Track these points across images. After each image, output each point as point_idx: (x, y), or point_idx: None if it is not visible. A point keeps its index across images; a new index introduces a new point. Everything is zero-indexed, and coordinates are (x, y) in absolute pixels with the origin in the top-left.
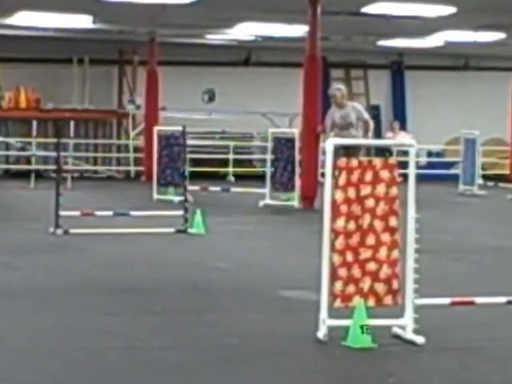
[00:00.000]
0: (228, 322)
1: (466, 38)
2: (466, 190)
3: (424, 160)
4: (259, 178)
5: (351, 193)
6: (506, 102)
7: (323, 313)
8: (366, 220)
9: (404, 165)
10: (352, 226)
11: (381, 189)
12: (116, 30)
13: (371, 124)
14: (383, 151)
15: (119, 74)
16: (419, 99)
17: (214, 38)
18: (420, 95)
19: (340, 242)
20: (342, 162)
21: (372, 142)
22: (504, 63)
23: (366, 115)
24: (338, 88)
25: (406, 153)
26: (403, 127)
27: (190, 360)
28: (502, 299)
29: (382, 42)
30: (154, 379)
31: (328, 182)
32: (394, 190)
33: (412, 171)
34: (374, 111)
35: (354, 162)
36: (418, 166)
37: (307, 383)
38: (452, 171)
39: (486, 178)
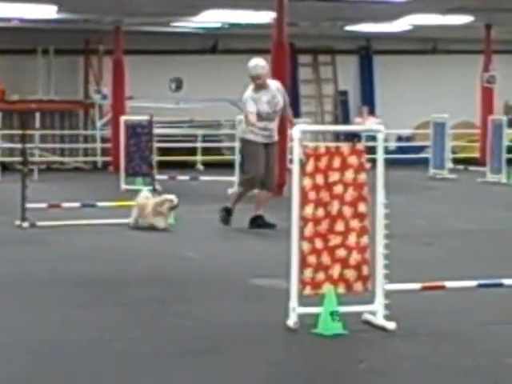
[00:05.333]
0: (199, 312)
1: (434, 22)
2: (436, 173)
3: (393, 145)
4: (228, 166)
5: (319, 179)
6: (475, 84)
7: (293, 301)
8: (335, 206)
9: (373, 150)
10: (321, 212)
11: (349, 175)
12: (81, 20)
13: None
14: (352, 137)
15: (85, 63)
16: (388, 84)
17: (181, 25)
18: (388, 80)
19: (309, 229)
20: (310, 148)
21: (339, 127)
22: (472, 46)
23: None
24: (262, 66)
25: (374, 138)
26: (372, 112)
27: (161, 351)
28: (473, 283)
29: (350, 27)
30: (124, 371)
31: (296, 169)
32: (363, 176)
33: (380, 156)
34: (343, 96)
35: (322, 149)
36: (388, 151)
37: (278, 372)
38: (422, 155)
39: (456, 161)
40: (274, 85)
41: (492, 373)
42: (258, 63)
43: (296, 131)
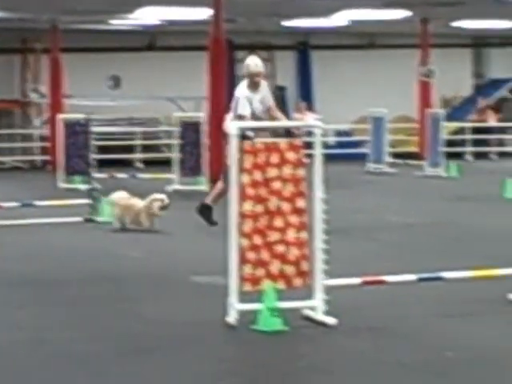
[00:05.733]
0: (139, 311)
1: (371, 17)
2: (376, 168)
3: (332, 140)
4: (167, 164)
5: (257, 175)
6: (412, 78)
7: (233, 297)
8: (274, 202)
9: (312, 145)
10: (259, 208)
11: (287, 170)
12: (17, 18)
13: None
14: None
15: (22, 62)
16: (326, 79)
17: (118, 23)
18: (326, 75)
19: (248, 226)
20: (247, 144)
21: (276, 123)
22: (409, 40)
23: None
24: (261, 64)
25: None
26: (310, 107)
27: (101, 350)
28: (413, 277)
29: (287, 23)
30: (64, 371)
31: (233, 165)
32: (301, 172)
33: (318, 152)
34: (281, 92)
35: (260, 145)
36: (327, 146)
37: (219, 369)
38: (361, 150)
39: (394, 155)
40: (264, 84)
41: (432, 366)
42: (258, 61)
43: (232, 128)
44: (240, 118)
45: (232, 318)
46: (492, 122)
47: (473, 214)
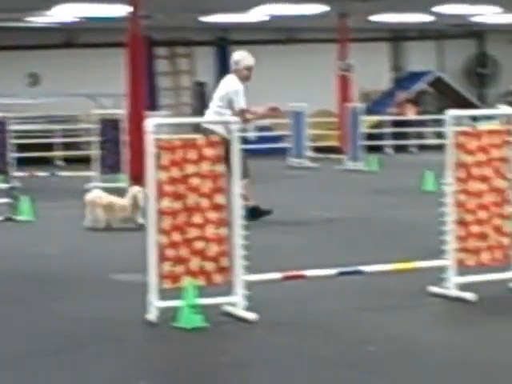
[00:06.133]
0: (58, 309)
1: (290, 12)
2: (297, 162)
3: (253, 135)
4: (88, 161)
5: (175, 172)
6: (332, 73)
7: (153, 295)
8: (192, 199)
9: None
10: (178, 205)
11: (205, 167)
12: None
13: None
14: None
15: None
16: None
17: (36, 20)
18: None
19: (166, 223)
20: (165, 141)
21: (196, 119)
22: (328, 35)
23: None
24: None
25: None
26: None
27: (20, 350)
28: (333, 271)
29: (206, 18)
30: None
31: (150, 162)
32: (219, 168)
33: (236, 148)
34: (201, 88)
35: (177, 141)
36: (247, 141)
37: (139, 368)
38: (282, 144)
39: (315, 149)
40: None
41: (353, 360)
42: (243, 53)
43: (149, 124)
44: (243, 112)
45: (152, 315)
46: (411, 115)
47: (393, 208)
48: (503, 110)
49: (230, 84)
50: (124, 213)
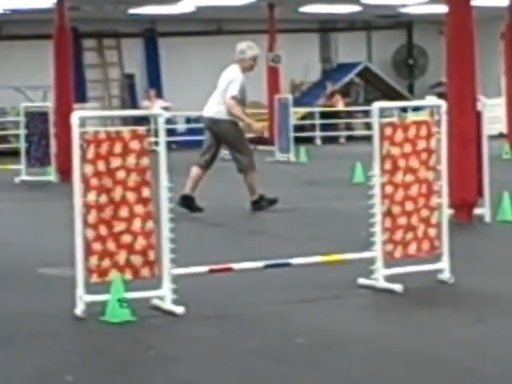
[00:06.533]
0: None
1: (218, 2)
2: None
3: (183, 127)
4: (16, 154)
5: (101, 166)
6: (261, 64)
7: (80, 289)
8: (118, 192)
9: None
10: (104, 199)
11: (131, 160)
12: None
13: None
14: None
15: None
16: (174, 66)
17: None
18: (175, 62)
19: (92, 216)
20: (90, 134)
21: (122, 112)
22: (257, 26)
23: None
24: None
25: (165, 121)
26: (160, 95)
27: None
28: (260, 264)
29: (134, 10)
30: None
31: (76, 155)
32: (145, 161)
33: (162, 140)
34: (129, 80)
35: (102, 134)
36: (177, 133)
37: (66, 362)
38: None
39: None
40: None
41: (281, 353)
42: (250, 44)
43: (74, 117)
44: (233, 98)
45: (80, 309)
46: (340, 106)
47: (323, 199)
48: (431, 101)
49: (231, 72)
50: None
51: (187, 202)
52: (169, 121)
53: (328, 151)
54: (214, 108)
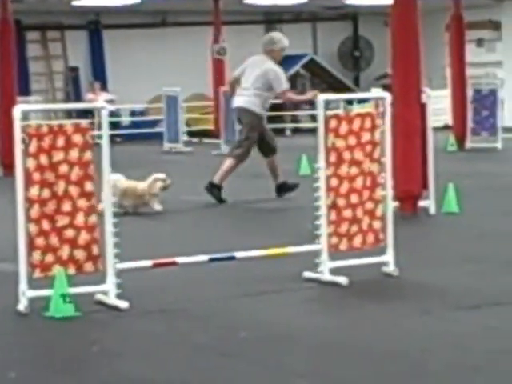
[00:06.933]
0: None
1: None
2: (171, 147)
3: (127, 120)
4: None
5: (43, 160)
6: (206, 56)
7: (22, 284)
8: (61, 186)
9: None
10: (47, 193)
11: (74, 154)
12: None
13: None
14: (85, 113)
15: None
16: (119, 59)
17: None
18: (120, 54)
19: (35, 211)
20: (32, 128)
21: (64, 105)
22: (202, 18)
23: None
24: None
25: (109, 114)
26: (104, 88)
27: None
28: (205, 257)
29: (78, 2)
30: None
31: (18, 149)
32: (88, 155)
33: (105, 133)
34: (74, 73)
35: (45, 128)
36: (122, 126)
37: (9, 359)
38: (156, 129)
39: (190, 134)
40: None
41: (225, 347)
42: (278, 34)
43: (16, 111)
44: (286, 92)
45: (23, 305)
46: None
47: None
48: (375, 93)
49: (267, 65)
50: (142, 198)
51: (214, 191)
52: (113, 114)
53: None
54: (246, 98)
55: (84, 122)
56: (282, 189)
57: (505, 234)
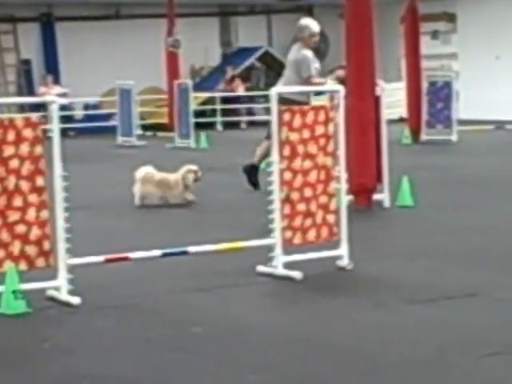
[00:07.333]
0: None
1: None
2: (125, 141)
3: (81, 113)
4: None
5: None
6: (160, 49)
7: None
8: (12, 181)
9: (62, 120)
10: None
11: (25, 148)
12: None
13: None
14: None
15: None
16: (72, 51)
17: None
18: (73, 47)
19: None
20: None
21: (15, 99)
22: (156, 10)
23: None
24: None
25: (62, 108)
26: (57, 81)
27: None
28: (157, 252)
29: None
30: None
31: None
32: (39, 149)
33: (56, 127)
34: (26, 66)
35: None
36: (75, 120)
37: None
38: (110, 123)
39: (144, 127)
40: None
41: (178, 342)
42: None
43: None
44: (309, 78)
45: None
46: (241, 91)
47: (223, 186)
48: (329, 86)
49: (296, 52)
50: (176, 189)
51: (249, 171)
52: (66, 107)
53: (229, 137)
54: (286, 88)
55: (34, 116)
56: (250, 169)
57: (459, 227)
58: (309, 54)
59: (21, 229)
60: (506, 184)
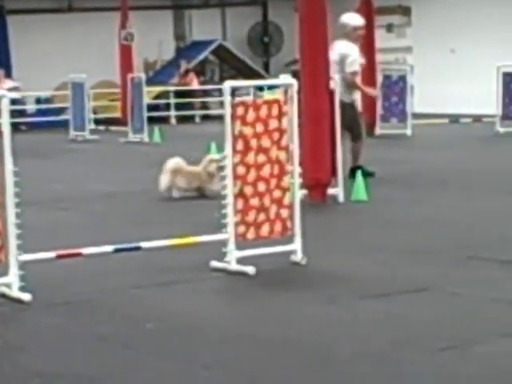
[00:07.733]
0: None
1: None
2: (78, 135)
3: (33, 107)
4: None
5: None
6: (113, 42)
7: None
8: None
9: (13, 114)
10: None
11: None
12: None
13: None
14: None
15: None
16: (24, 45)
17: None
18: (25, 41)
19: None
20: None
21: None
22: (108, 3)
23: None
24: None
25: (13, 102)
26: (9, 75)
27: None
28: (110, 248)
29: None
30: None
31: None
32: None
33: (6, 122)
34: None
35: None
36: (27, 114)
37: None
38: (62, 117)
39: (97, 122)
40: None
41: (130, 339)
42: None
43: None
44: (353, 74)
45: None
46: (195, 85)
47: None
48: (283, 79)
49: (340, 48)
50: (199, 180)
51: (363, 171)
52: (18, 101)
53: (183, 131)
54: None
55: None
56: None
57: (412, 222)
58: (350, 49)
59: None
60: (460, 177)
